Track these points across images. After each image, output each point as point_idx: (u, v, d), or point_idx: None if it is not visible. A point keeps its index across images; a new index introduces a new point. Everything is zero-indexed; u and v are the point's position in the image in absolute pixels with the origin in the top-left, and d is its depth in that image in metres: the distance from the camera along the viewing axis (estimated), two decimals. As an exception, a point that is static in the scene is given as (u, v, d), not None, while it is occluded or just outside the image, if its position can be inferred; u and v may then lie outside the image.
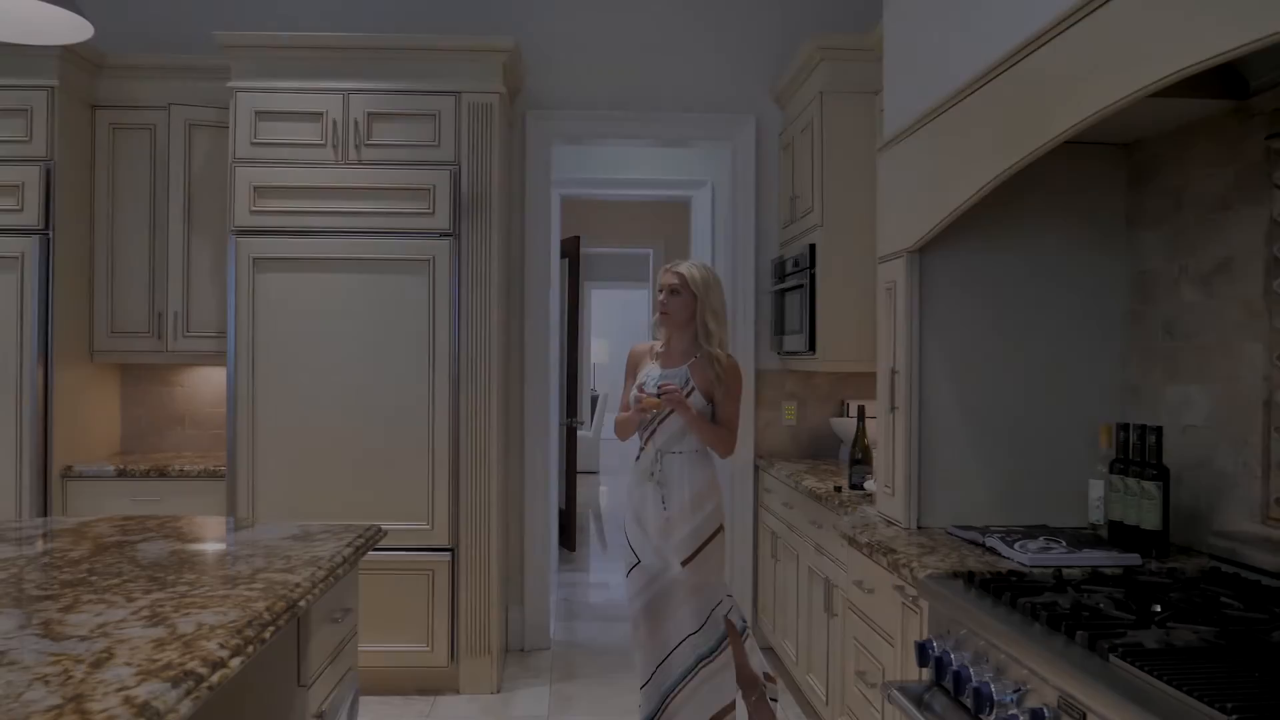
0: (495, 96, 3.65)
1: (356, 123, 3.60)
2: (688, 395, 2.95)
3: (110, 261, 3.87)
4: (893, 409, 2.52)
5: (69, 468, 3.67)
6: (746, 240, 4.26)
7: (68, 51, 3.60)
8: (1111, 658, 1.42)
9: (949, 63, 2.25)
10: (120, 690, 1.26)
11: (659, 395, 2.91)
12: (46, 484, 3.61)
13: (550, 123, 4.22)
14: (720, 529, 2.99)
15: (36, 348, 3.58)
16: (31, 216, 3.59)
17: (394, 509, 3.58)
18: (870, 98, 3.61)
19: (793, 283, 3.90)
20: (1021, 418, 2.50)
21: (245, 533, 2.35)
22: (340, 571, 2.07)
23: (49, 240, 3.61)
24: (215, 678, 1.38)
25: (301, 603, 1.79)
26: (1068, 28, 1.74)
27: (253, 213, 3.58)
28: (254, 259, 3.58)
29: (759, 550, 4.23)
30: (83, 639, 1.48)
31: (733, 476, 4.26)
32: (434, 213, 3.61)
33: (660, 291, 3.05)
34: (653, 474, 2.99)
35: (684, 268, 3.02)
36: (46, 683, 1.29)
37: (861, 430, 3.15)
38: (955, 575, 1.99)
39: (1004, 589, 1.81)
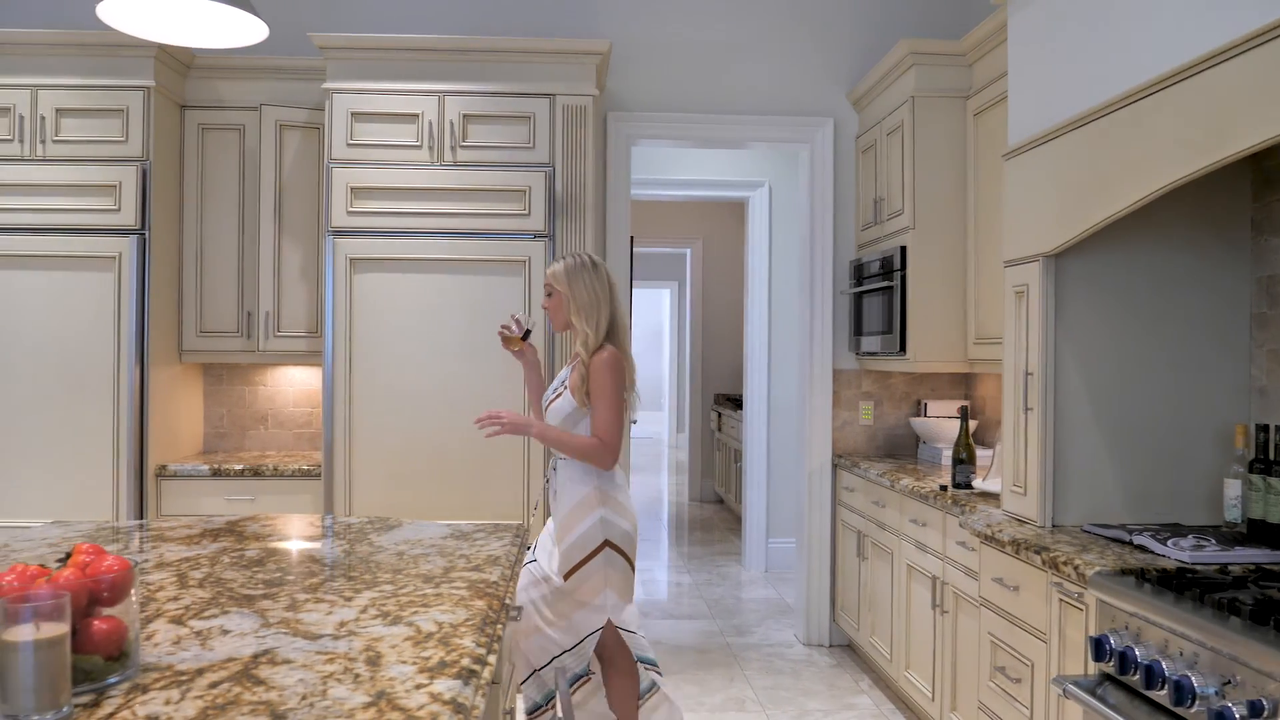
0: (589, 99, 3.68)
1: (452, 124, 3.63)
2: (557, 397, 2.78)
3: (199, 262, 3.88)
4: (1027, 410, 2.58)
5: (163, 467, 3.69)
6: (824, 242, 4.31)
7: (162, 52, 3.61)
8: (1338, 652, 1.48)
9: (1097, 74, 2.30)
10: (419, 688, 1.30)
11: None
12: (142, 483, 3.63)
13: (630, 124, 4.25)
14: (603, 546, 2.68)
15: (134, 348, 3.59)
16: (129, 216, 3.60)
17: (489, 508, 3.61)
18: (961, 102, 3.66)
19: (874, 285, 3.95)
20: (1150, 418, 2.56)
21: (398, 532, 2.38)
22: (517, 569, 2.11)
23: (145, 240, 3.62)
24: (486, 674, 1.41)
25: (507, 599, 1.84)
26: (1260, 45, 1.79)
27: (349, 213, 3.60)
28: (350, 259, 3.61)
29: (837, 549, 4.28)
30: (335, 638, 1.51)
31: (810, 475, 4.31)
32: (529, 214, 3.64)
33: None
34: (548, 479, 2.86)
35: (551, 265, 2.82)
36: (339, 680, 1.33)
37: (965, 430, 3.20)
38: (1124, 572, 2.04)
39: (1187, 584, 1.87)
